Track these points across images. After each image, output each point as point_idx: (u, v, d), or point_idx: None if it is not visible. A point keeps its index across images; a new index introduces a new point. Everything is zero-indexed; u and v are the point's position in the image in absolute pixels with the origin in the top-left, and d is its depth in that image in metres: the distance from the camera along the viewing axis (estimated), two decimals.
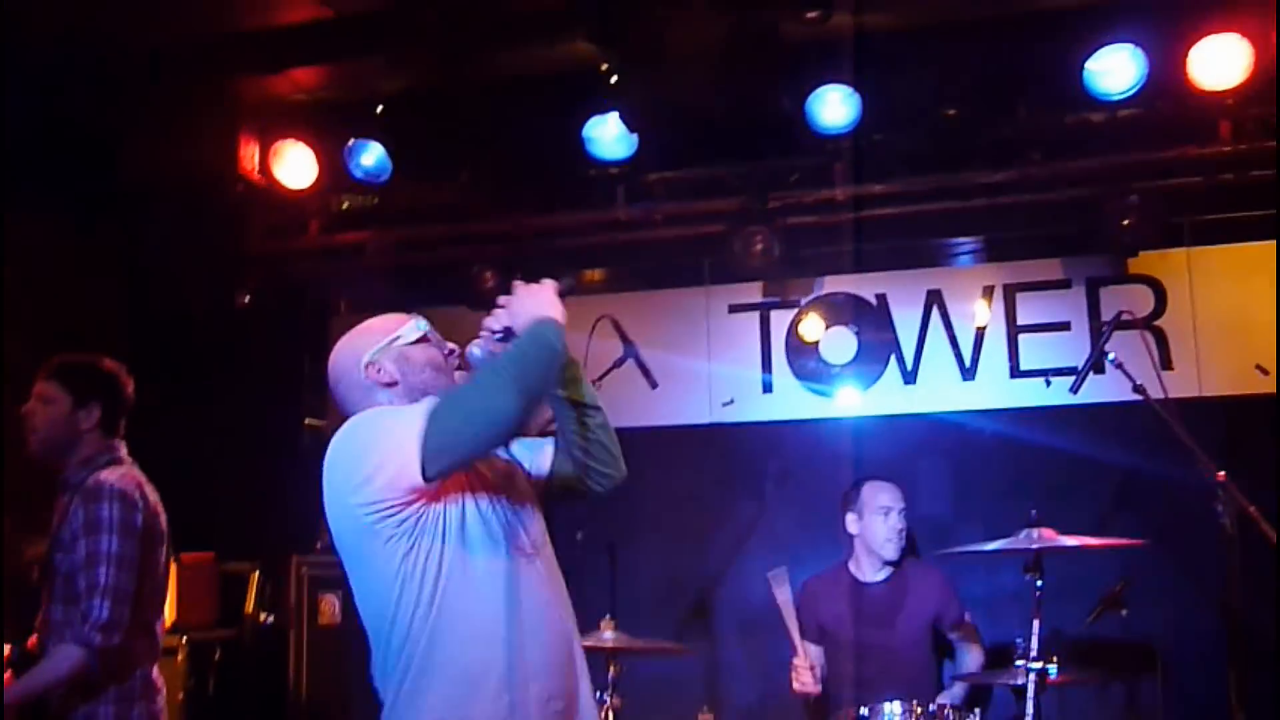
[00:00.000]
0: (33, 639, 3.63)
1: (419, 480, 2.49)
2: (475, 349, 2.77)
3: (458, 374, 2.80)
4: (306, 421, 7.03)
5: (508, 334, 2.74)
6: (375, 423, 2.64)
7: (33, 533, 5.51)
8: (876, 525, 5.14)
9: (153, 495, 3.72)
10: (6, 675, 3.59)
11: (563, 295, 2.78)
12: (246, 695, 5.95)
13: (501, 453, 2.88)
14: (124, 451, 3.78)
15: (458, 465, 2.57)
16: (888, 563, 5.18)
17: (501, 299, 2.79)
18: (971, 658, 5.20)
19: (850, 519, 5.23)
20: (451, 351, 2.85)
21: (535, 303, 2.73)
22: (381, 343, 2.80)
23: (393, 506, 2.54)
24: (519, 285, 2.79)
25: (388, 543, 2.57)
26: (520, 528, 2.74)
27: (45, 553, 3.69)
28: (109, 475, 3.63)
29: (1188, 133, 5.48)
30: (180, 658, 5.39)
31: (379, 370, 2.77)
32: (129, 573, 3.52)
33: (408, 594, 2.58)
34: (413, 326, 2.82)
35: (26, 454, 3.77)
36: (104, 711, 3.53)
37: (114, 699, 3.55)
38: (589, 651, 2.88)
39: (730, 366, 6.40)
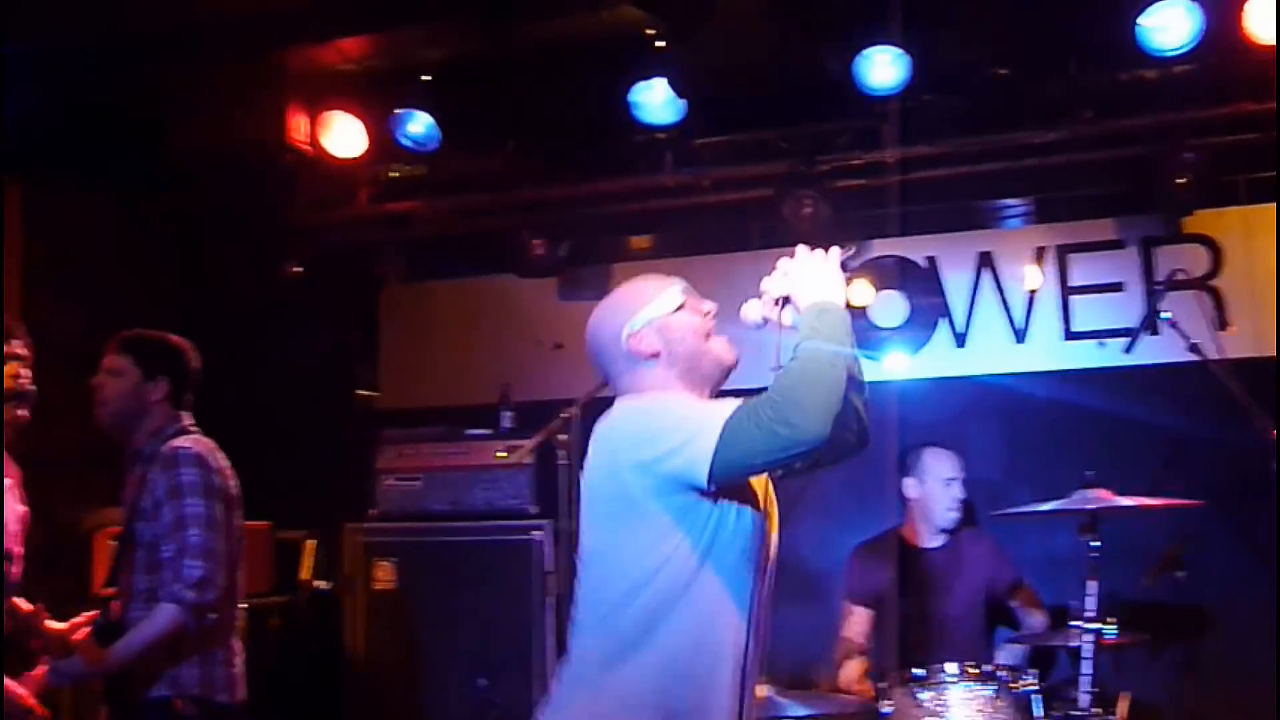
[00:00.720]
0: (116, 606, 3.68)
1: (701, 482, 2.44)
2: (750, 311, 2.68)
3: (713, 340, 2.72)
4: (358, 393, 7.10)
5: (785, 302, 2.62)
6: (680, 408, 2.58)
7: (90, 503, 5.64)
8: (938, 493, 5.12)
9: (225, 461, 3.79)
10: (81, 636, 3.65)
11: (845, 267, 2.63)
12: (304, 661, 6.03)
13: None
14: (191, 422, 3.84)
15: (745, 478, 2.54)
16: (944, 530, 5.15)
17: (783, 261, 2.65)
18: (1034, 623, 5.15)
19: (909, 483, 5.21)
20: (709, 312, 2.75)
21: (819, 276, 2.58)
22: (641, 313, 2.70)
23: (668, 492, 2.49)
24: (802, 250, 2.64)
25: (649, 520, 2.52)
26: (766, 540, 2.66)
27: (124, 523, 3.74)
28: (183, 441, 3.70)
29: (1243, 88, 5.36)
30: (240, 624, 5.46)
31: (641, 341, 2.69)
32: (216, 533, 3.59)
33: (653, 575, 2.52)
34: (672, 294, 2.72)
35: (96, 424, 3.82)
36: (187, 673, 3.60)
37: (198, 662, 3.61)
38: None
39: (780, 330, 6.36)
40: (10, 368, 3.62)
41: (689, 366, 2.69)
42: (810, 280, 2.58)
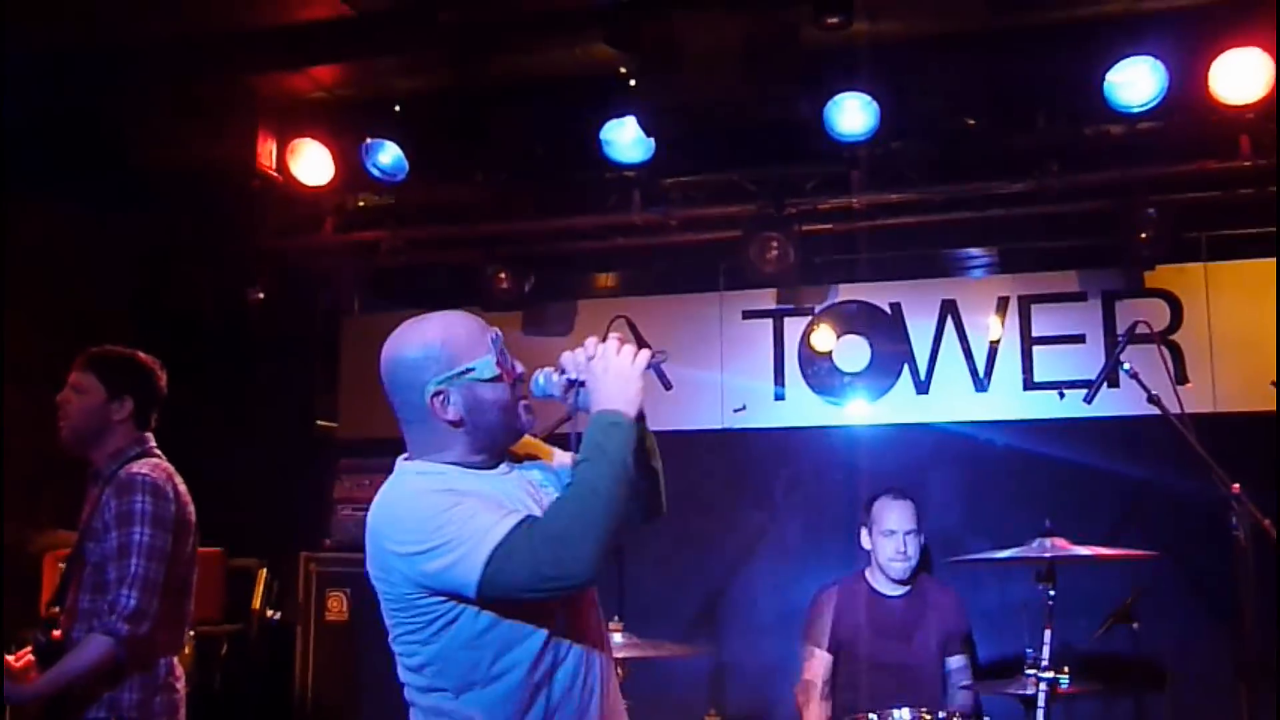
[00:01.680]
0: (57, 631, 3.62)
1: (470, 592, 2.36)
2: (540, 380, 2.60)
3: (517, 411, 2.57)
4: (318, 423, 7.05)
5: (575, 385, 2.54)
6: (454, 510, 2.40)
7: (39, 523, 5.56)
8: (882, 545, 5.10)
9: (182, 487, 3.75)
10: (23, 663, 3.59)
11: (650, 368, 2.53)
12: (252, 690, 5.95)
13: (544, 487, 2.68)
14: (154, 444, 3.80)
15: (528, 602, 2.42)
16: (896, 580, 5.14)
17: (590, 343, 2.55)
18: (963, 682, 5.12)
19: (864, 534, 5.20)
20: (519, 378, 2.59)
21: (617, 374, 2.48)
22: (452, 370, 2.52)
23: (433, 591, 2.42)
24: (614, 339, 2.54)
25: (421, 606, 2.45)
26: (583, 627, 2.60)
27: (76, 542, 3.70)
28: (141, 467, 3.65)
29: (1207, 147, 5.45)
30: (186, 651, 5.37)
31: (444, 405, 2.52)
32: (159, 564, 3.54)
33: (439, 658, 2.49)
34: (487, 361, 2.53)
35: (58, 441, 3.77)
36: (127, 699, 3.55)
37: (137, 687, 3.57)
38: None
39: (743, 373, 6.40)
40: None
41: (487, 438, 2.56)
42: (609, 379, 2.48)
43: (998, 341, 6.17)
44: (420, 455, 2.59)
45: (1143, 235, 5.51)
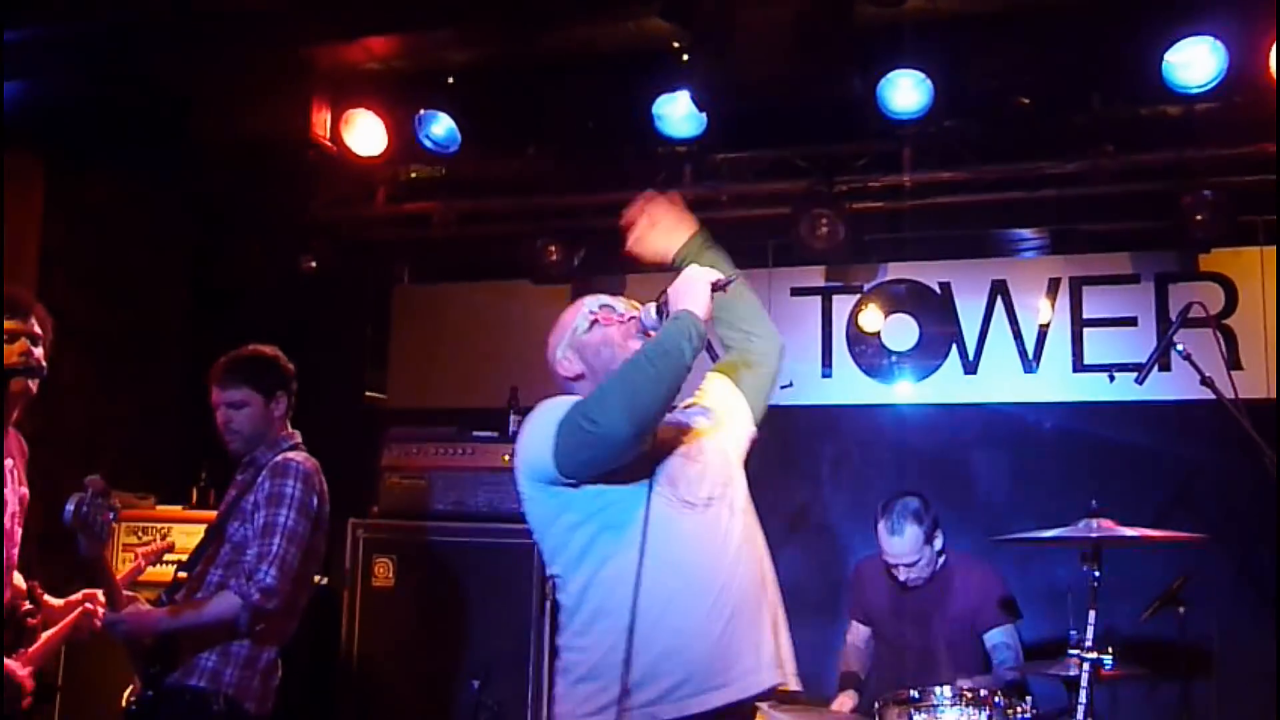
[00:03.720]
0: (183, 594, 3.74)
1: (556, 474, 2.71)
2: (649, 313, 2.89)
3: (632, 345, 2.89)
4: (366, 394, 7.11)
5: (661, 310, 2.84)
6: (539, 412, 2.80)
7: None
8: (889, 565, 5.04)
9: (324, 484, 3.94)
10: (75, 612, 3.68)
11: (716, 289, 2.81)
12: (298, 655, 6.00)
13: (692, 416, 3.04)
14: (300, 439, 4.02)
15: (594, 468, 2.72)
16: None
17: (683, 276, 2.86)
18: (1003, 659, 5.04)
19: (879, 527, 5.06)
20: (633, 318, 2.95)
21: (686, 290, 2.78)
22: (565, 337, 2.99)
23: (541, 487, 2.80)
24: (692, 268, 2.86)
25: (546, 506, 2.84)
26: (690, 480, 2.86)
27: (217, 518, 3.84)
28: (295, 456, 3.86)
29: (1265, 129, 5.34)
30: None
31: (564, 367, 2.98)
32: (298, 549, 3.69)
33: (568, 560, 2.83)
34: (583, 315, 2.99)
35: (229, 454, 3.97)
36: (229, 675, 3.65)
37: (240, 664, 3.67)
38: None
39: (790, 350, 6.35)
40: (20, 344, 3.64)
41: (605, 374, 2.84)
42: (682, 287, 2.79)
43: (1048, 323, 6.12)
44: None
45: (1198, 218, 5.45)
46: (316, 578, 6.10)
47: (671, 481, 2.83)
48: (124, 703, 3.77)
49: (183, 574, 3.79)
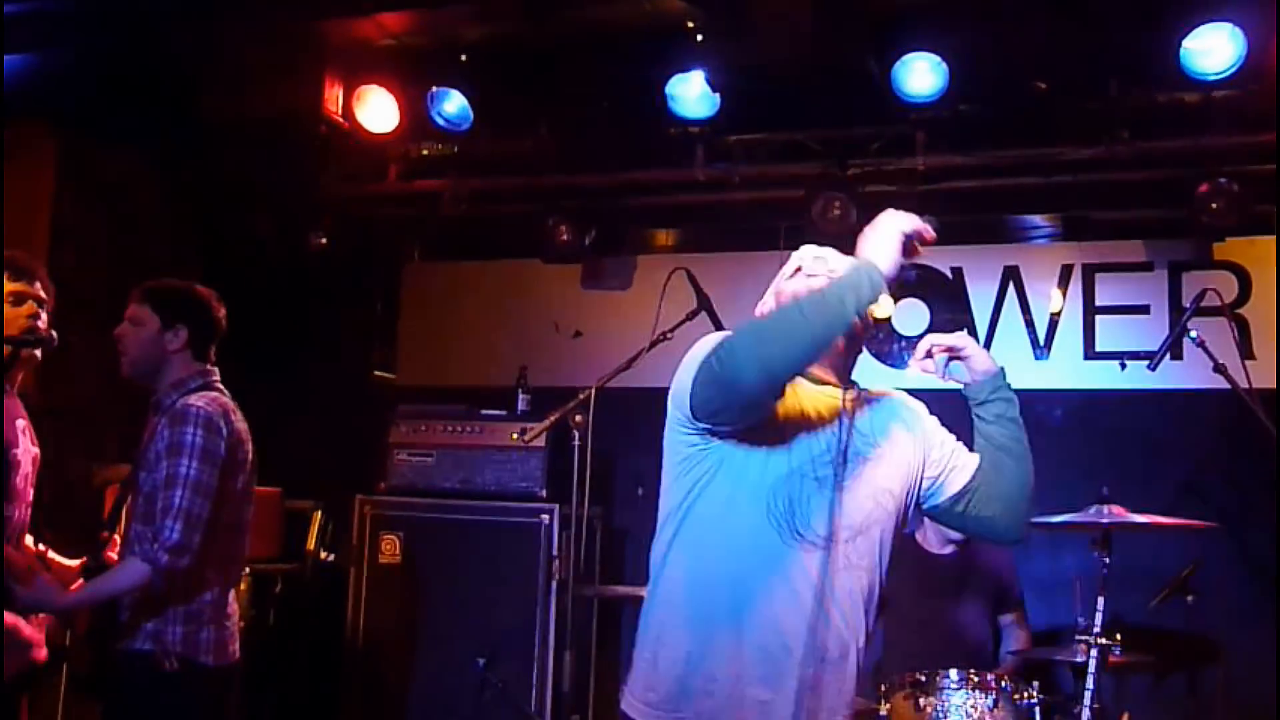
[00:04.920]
0: (110, 553, 3.69)
1: (690, 415, 2.49)
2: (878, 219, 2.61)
3: None
4: (375, 373, 7.11)
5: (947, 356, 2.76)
6: (700, 344, 2.58)
7: (103, 458, 5.66)
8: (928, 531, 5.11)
9: (240, 423, 3.73)
10: (78, 583, 3.66)
11: (909, 241, 2.47)
12: (305, 628, 6.05)
13: (866, 435, 2.69)
14: (217, 377, 3.81)
15: (722, 418, 2.48)
16: (950, 541, 5.12)
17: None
18: (1015, 643, 5.12)
19: None
20: (817, 273, 2.69)
21: (874, 237, 2.47)
22: (774, 284, 2.82)
23: (676, 427, 2.58)
24: (889, 213, 2.51)
25: (673, 450, 2.62)
26: (809, 515, 2.55)
27: (130, 470, 3.73)
28: (198, 399, 3.64)
29: None
30: (243, 587, 5.48)
31: (761, 308, 2.80)
32: (204, 499, 3.53)
33: (669, 512, 2.63)
34: (790, 263, 2.78)
35: (120, 374, 3.79)
36: (171, 632, 3.55)
37: (182, 620, 3.56)
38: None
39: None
40: (27, 307, 3.61)
41: None
42: (869, 235, 2.48)
43: (1060, 310, 6.11)
44: None
45: (1213, 206, 5.41)
46: (324, 554, 6.20)
47: (789, 503, 2.54)
48: (76, 671, 3.74)
49: (104, 531, 3.72)
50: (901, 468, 2.72)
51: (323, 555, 6.16)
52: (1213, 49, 5.03)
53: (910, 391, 2.95)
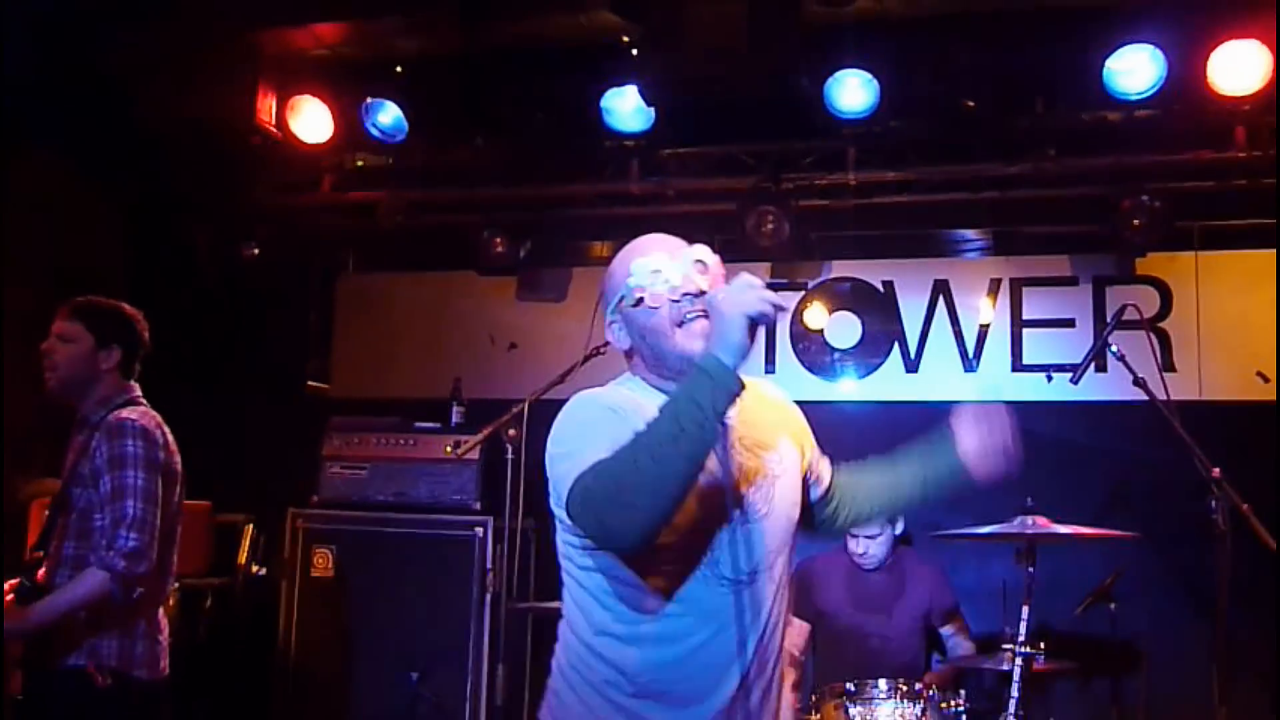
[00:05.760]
0: (41, 572, 3.64)
1: (562, 507, 2.31)
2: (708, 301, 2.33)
3: (682, 333, 2.40)
4: (309, 384, 7.07)
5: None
6: (595, 416, 2.36)
7: (29, 472, 5.57)
8: (848, 539, 5.15)
9: (170, 436, 3.75)
10: (6, 600, 3.61)
11: (759, 319, 2.18)
12: (235, 645, 5.99)
13: (775, 451, 2.54)
14: (139, 394, 3.81)
15: (620, 554, 2.30)
16: (870, 569, 5.18)
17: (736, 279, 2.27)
18: (962, 652, 5.22)
19: None
20: (686, 294, 2.40)
21: (719, 321, 2.20)
22: (612, 299, 2.48)
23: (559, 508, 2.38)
24: (742, 278, 2.24)
25: (561, 525, 2.42)
26: (732, 552, 2.40)
27: (60, 488, 3.69)
28: (129, 413, 3.65)
29: (1203, 137, 5.49)
30: (171, 603, 5.40)
31: (614, 334, 2.51)
32: (154, 506, 3.54)
33: (573, 580, 2.45)
34: (628, 286, 2.43)
35: (44, 390, 3.76)
36: (106, 646, 3.55)
37: (117, 635, 3.56)
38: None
39: None
40: None
41: (656, 363, 2.46)
42: (718, 317, 2.21)
43: (988, 323, 6.21)
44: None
45: (1136, 222, 5.54)
46: (257, 567, 6.14)
47: (713, 550, 2.38)
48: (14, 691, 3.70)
49: (38, 552, 3.66)
50: (796, 476, 2.60)
51: (254, 569, 6.10)
52: (1134, 69, 5.16)
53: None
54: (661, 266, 2.43)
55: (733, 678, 2.40)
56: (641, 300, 2.42)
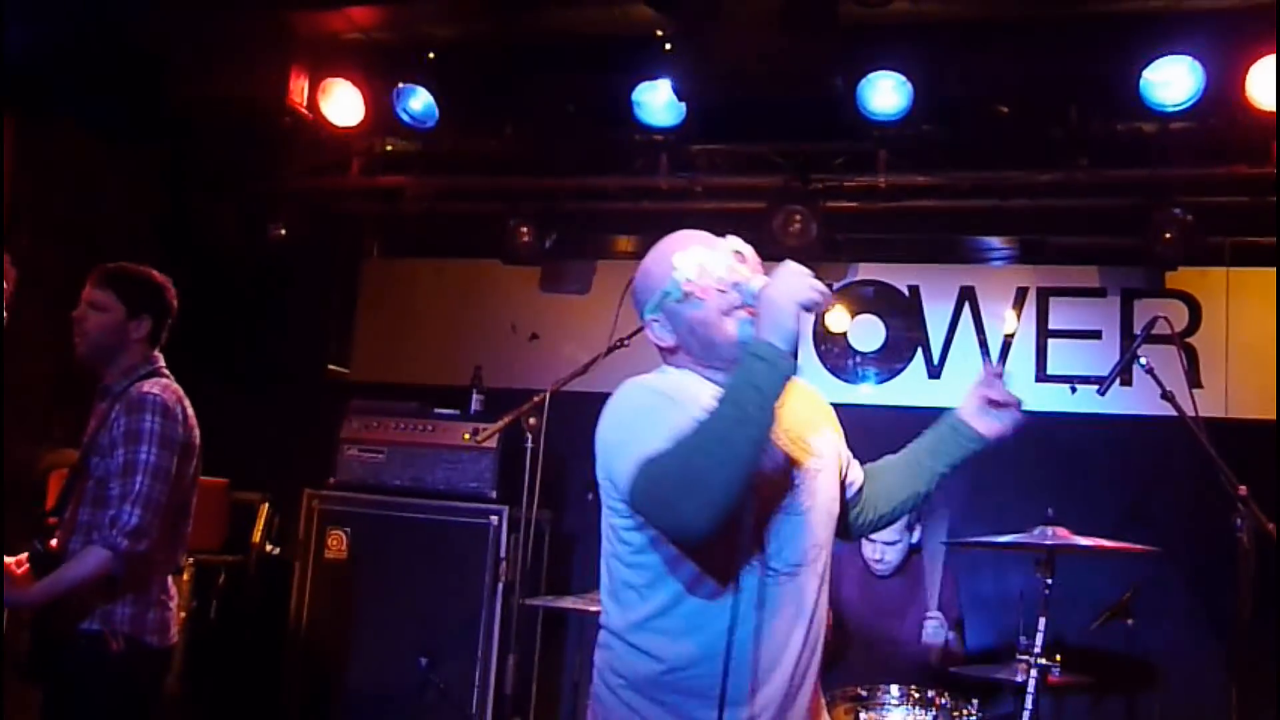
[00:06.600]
0: (54, 539, 3.65)
1: (625, 495, 2.31)
2: (750, 287, 2.38)
3: (730, 321, 2.43)
4: (330, 367, 7.08)
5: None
6: (653, 403, 2.38)
7: (49, 442, 5.59)
8: (864, 544, 5.11)
9: (190, 410, 3.76)
10: (23, 571, 3.63)
11: (807, 309, 2.24)
12: (247, 621, 5.99)
13: (816, 443, 2.56)
14: (163, 364, 3.82)
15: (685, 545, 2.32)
16: (883, 575, 5.13)
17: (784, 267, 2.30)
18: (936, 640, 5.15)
19: None
20: (735, 285, 2.42)
21: (770, 308, 2.24)
22: (654, 296, 2.48)
23: (617, 501, 2.40)
24: (788, 266, 2.28)
25: (613, 513, 2.45)
26: (779, 543, 2.43)
27: (79, 456, 3.71)
28: (152, 387, 3.66)
29: (1239, 151, 5.42)
30: (186, 577, 5.43)
31: (656, 332, 2.51)
32: (163, 484, 3.56)
33: (620, 569, 2.47)
34: (674, 280, 2.44)
35: (73, 356, 3.77)
36: (120, 613, 3.58)
37: (131, 602, 3.59)
38: (590, 615, 2.70)
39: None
40: None
41: (705, 354, 2.47)
42: (765, 303, 2.26)
43: (1013, 332, 6.17)
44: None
45: (1167, 235, 5.49)
46: (269, 547, 6.15)
47: (764, 541, 2.40)
48: (15, 658, 3.72)
49: (54, 518, 3.69)
50: (834, 470, 2.63)
51: (268, 548, 6.11)
52: (1172, 81, 5.11)
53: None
54: (705, 260, 2.45)
55: (783, 671, 2.42)
56: (689, 295, 2.44)
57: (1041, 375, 6.10)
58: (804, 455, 2.52)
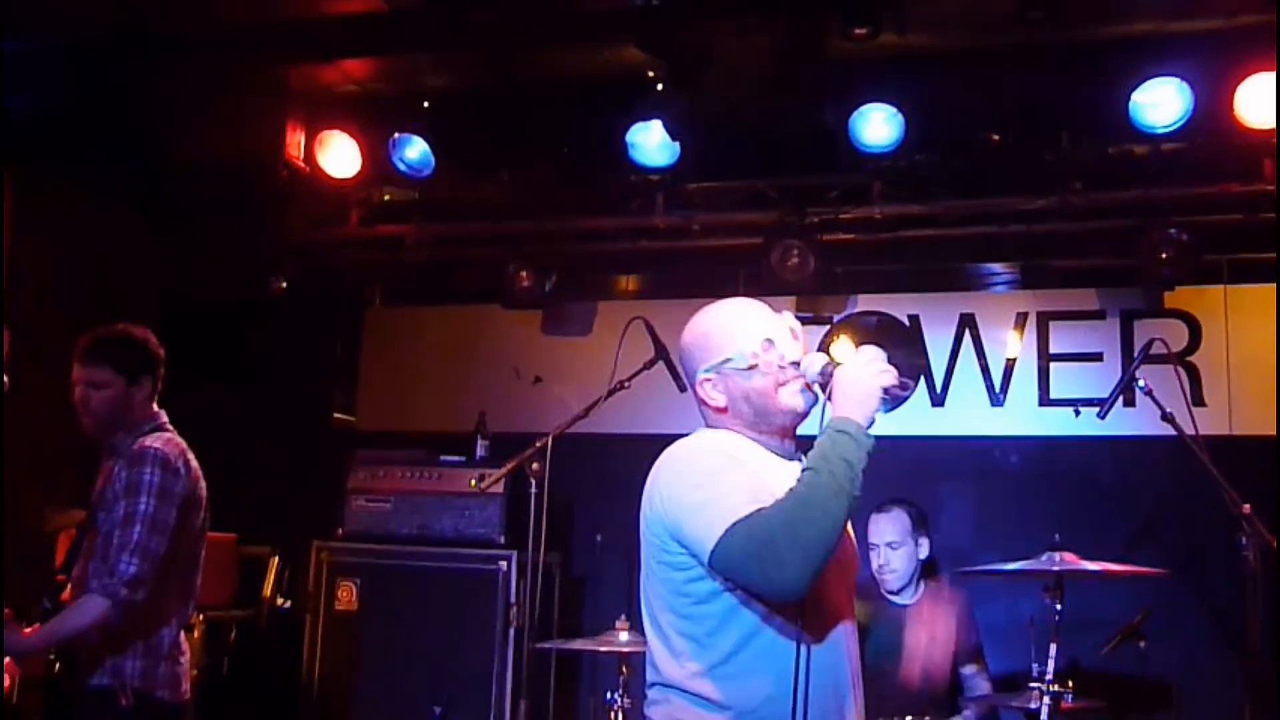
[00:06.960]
0: (66, 593, 3.68)
1: (704, 554, 2.40)
2: (813, 366, 2.56)
3: (785, 391, 2.59)
4: (335, 416, 7.10)
5: (826, 373, 2.51)
6: (722, 463, 2.52)
7: (59, 503, 5.60)
8: (870, 559, 5.09)
9: (194, 463, 3.80)
10: (34, 627, 3.64)
11: (890, 398, 2.48)
12: (259, 676, 5.99)
13: None
14: (166, 419, 3.87)
15: (767, 599, 2.44)
16: (891, 591, 5.12)
17: (857, 347, 2.53)
18: (980, 692, 5.12)
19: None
20: (795, 363, 2.59)
21: (854, 388, 2.45)
22: (716, 359, 2.63)
23: (679, 541, 2.49)
24: (868, 351, 2.51)
25: (668, 568, 2.53)
26: (835, 581, 2.57)
27: (88, 513, 3.76)
28: (154, 441, 3.71)
29: (1231, 170, 5.45)
30: (196, 634, 5.43)
31: (708, 394, 2.65)
32: (161, 535, 3.59)
33: (676, 621, 2.54)
34: (740, 350, 2.60)
35: (83, 432, 3.82)
36: (130, 666, 3.60)
37: (140, 654, 3.61)
38: (602, 656, 2.75)
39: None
40: None
41: (756, 420, 2.63)
42: (849, 386, 2.45)
43: (1015, 357, 6.18)
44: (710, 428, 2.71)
45: (1164, 256, 5.51)
46: (282, 600, 6.15)
47: (825, 580, 2.44)
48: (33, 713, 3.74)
49: (62, 575, 3.73)
50: None
51: (279, 602, 6.11)
52: (1161, 102, 5.13)
53: None
54: (771, 335, 2.62)
55: (849, 709, 2.57)
56: (754, 366, 2.60)
57: (1045, 399, 6.10)
58: None
